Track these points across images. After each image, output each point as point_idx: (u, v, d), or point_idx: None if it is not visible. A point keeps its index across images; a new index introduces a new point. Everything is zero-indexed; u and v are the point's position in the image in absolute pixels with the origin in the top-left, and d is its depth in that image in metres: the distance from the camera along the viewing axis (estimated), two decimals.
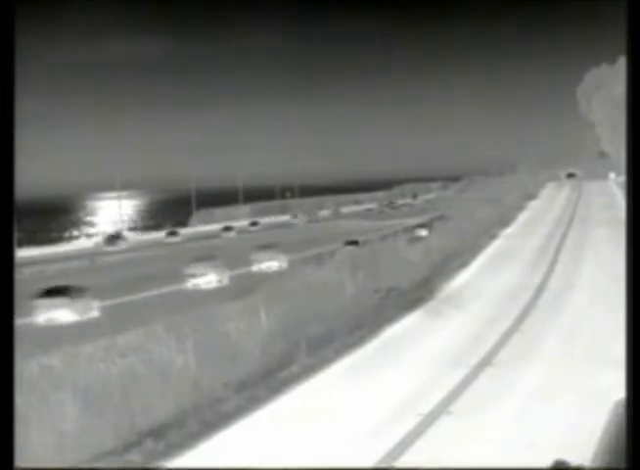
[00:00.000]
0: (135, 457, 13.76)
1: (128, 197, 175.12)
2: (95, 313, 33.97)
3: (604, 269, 34.53)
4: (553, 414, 15.35)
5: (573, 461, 4.74)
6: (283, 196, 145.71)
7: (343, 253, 43.92)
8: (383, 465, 12.99)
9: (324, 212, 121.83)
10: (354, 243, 54.28)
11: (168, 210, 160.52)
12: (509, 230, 58.19)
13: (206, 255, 49.52)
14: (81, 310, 33.74)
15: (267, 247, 53.73)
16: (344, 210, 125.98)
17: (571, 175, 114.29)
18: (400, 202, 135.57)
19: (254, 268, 49.87)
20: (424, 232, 58.68)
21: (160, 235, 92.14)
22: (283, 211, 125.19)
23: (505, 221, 61.99)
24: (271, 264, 49.90)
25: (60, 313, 33.17)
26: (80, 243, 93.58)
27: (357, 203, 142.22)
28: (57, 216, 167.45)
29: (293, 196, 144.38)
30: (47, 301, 33.59)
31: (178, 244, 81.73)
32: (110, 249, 77.20)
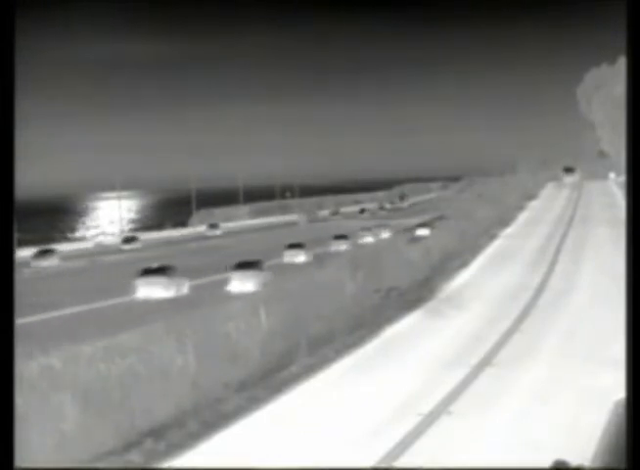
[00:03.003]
0: (135, 457, 13.76)
1: (128, 197, 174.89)
2: None
3: (604, 269, 34.53)
4: (553, 414, 15.35)
5: (573, 461, 4.75)
6: (283, 196, 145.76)
7: None
8: (383, 465, 12.99)
9: (324, 212, 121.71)
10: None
11: (169, 210, 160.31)
12: (509, 230, 58.14)
13: None
14: None
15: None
16: (344, 209, 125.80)
17: (568, 170, 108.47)
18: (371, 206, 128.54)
19: None
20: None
21: None
22: (283, 211, 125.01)
23: (505, 221, 61.94)
24: None
25: None
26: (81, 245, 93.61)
27: (357, 203, 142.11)
28: (59, 217, 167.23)
29: (293, 196, 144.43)
30: None
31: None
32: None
